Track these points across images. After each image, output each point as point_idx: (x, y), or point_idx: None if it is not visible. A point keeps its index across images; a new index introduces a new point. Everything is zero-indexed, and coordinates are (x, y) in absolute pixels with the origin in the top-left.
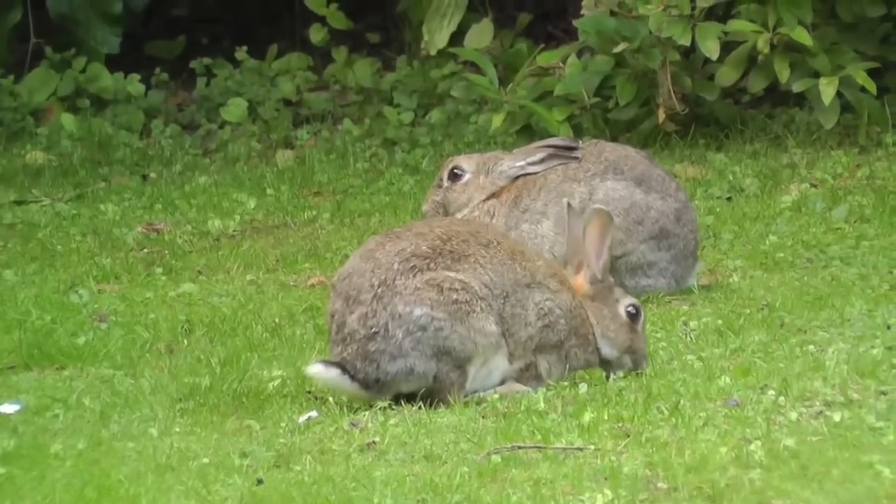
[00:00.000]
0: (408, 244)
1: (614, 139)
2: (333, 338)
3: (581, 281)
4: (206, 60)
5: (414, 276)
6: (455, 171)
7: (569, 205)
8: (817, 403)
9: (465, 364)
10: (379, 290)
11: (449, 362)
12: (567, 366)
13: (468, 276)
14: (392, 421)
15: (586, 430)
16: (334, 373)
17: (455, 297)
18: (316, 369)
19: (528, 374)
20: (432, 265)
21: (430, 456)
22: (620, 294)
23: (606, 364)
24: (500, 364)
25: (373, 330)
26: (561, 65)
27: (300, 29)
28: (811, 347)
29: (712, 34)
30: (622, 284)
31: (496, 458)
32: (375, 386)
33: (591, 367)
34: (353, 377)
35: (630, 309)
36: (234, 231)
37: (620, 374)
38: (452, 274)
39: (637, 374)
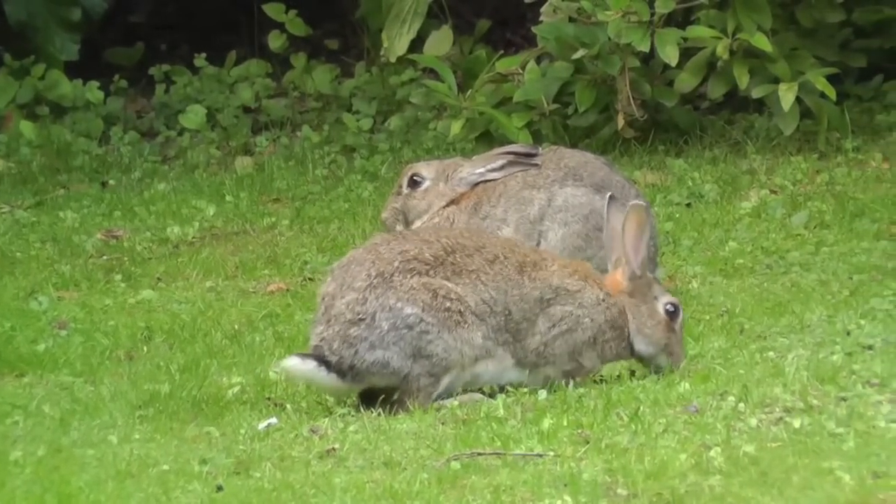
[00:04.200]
0: (412, 247)
1: (574, 145)
2: (318, 318)
3: (619, 277)
4: (165, 67)
5: (412, 276)
6: (414, 177)
7: (611, 197)
8: (777, 410)
9: (441, 373)
10: (375, 280)
11: (426, 366)
12: (602, 359)
13: (466, 291)
14: (352, 427)
15: (546, 437)
16: (311, 364)
17: (448, 305)
18: (292, 362)
19: (576, 373)
20: (432, 272)
21: (390, 462)
22: (660, 291)
23: (642, 360)
24: (490, 368)
25: (359, 316)
26: (520, 71)
27: (259, 35)
28: (771, 354)
29: (671, 40)
30: None
31: (456, 465)
32: (350, 374)
33: (621, 359)
34: (329, 367)
35: (669, 307)
36: (193, 238)
37: (659, 371)
38: (450, 284)
39: (598, 381)
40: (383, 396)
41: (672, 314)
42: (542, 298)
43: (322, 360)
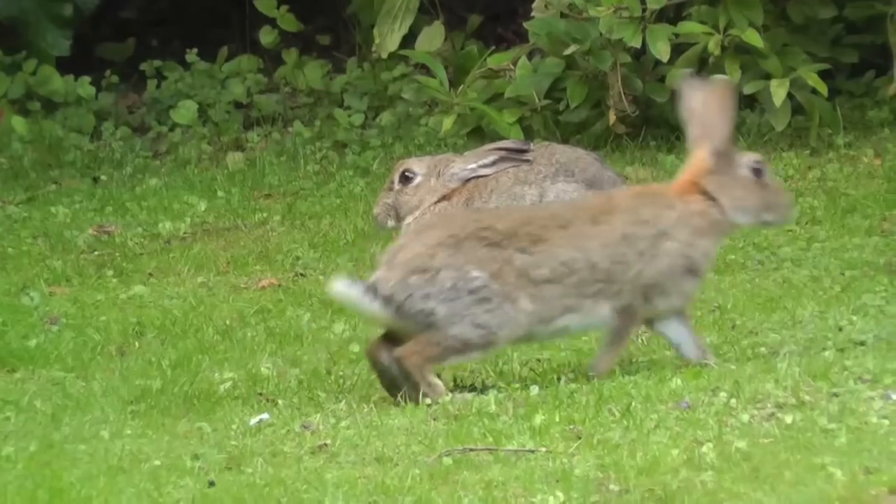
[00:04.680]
0: (486, 217)
1: (565, 141)
2: (379, 267)
3: (702, 155)
4: (157, 63)
5: (483, 245)
6: (406, 173)
7: (688, 76)
8: (769, 405)
9: (477, 347)
10: (447, 240)
11: (467, 334)
12: (709, 266)
13: (538, 260)
14: (343, 423)
15: (538, 433)
16: (358, 289)
17: (512, 279)
18: (339, 286)
19: (631, 315)
20: (504, 243)
21: (382, 458)
22: (739, 155)
23: (752, 227)
24: (577, 319)
25: (423, 267)
26: (511, 67)
27: (250, 31)
28: (763, 349)
29: (663, 36)
30: None
31: (448, 461)
32: (394, 309)
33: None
34: (374, 295)
35: (754, 166)
36: (184, 233)
37: (772, 227)
38: (519, 256)
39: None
40: (377, 396)
41: (758, 171)
42: (625, 234)
43: (369, 288)
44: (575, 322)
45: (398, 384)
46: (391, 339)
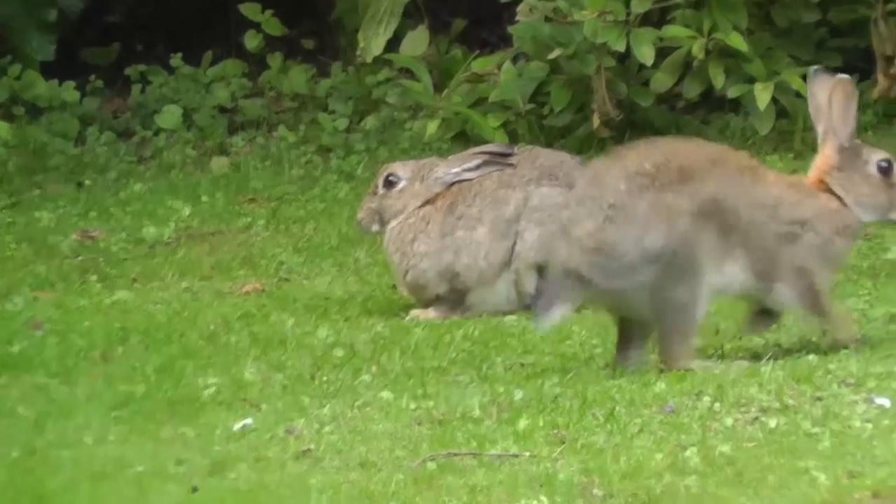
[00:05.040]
0: (631, 163)
1: (549, 145)
2: (556, 236)
3: (828, 152)
4: (141, 67)
5: (641, 195)
6: (390, 177)
7: (815, 70)
8: (753, 409)
9: (692, 302)
10: (609, 212)
11: (684, 291)
12: (840, 263)
13: (689, 194)
14: (327, 428)
15: (522, 437)
16: (556, 313)
17: (680, 222)
18: (547, 322)
19: (819, 301)
20: (657, 182)
21: (366, 463)
22: (868, 152)
23: (878, 223)
24: (735, 271)
25: (598, 246)
26: (496, 71)
27: (235, 35)
28: (747, 353)
29: (647, 40)
30: None
31: (431, 465)
32: (591, 289)
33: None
34: (564, 301)
35: (882, 164)
36: (169, 238)
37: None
38: (672, 197)
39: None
40: (361, 401)
41: (886, 170)
42: (766, 205)
43: (554, 296)
44: (733, 273)
45: None
46: (625, 338)
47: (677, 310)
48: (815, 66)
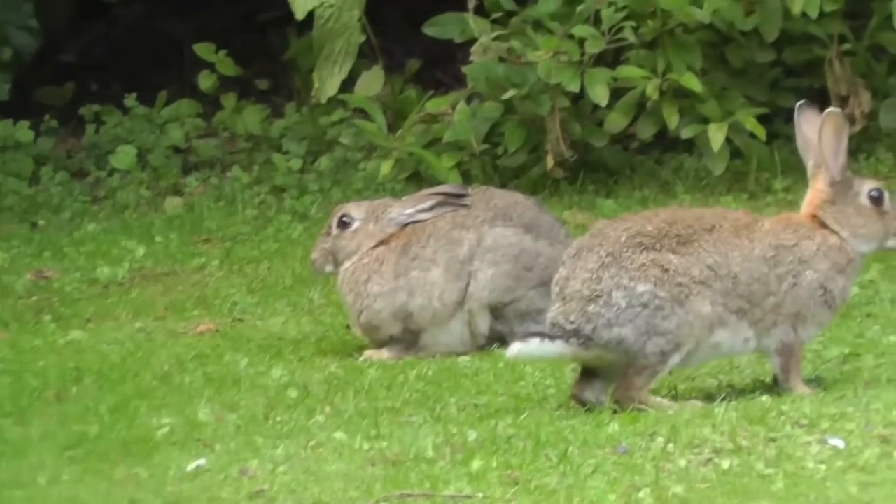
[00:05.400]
0: (634, 224)
1: (503, 186)
2: (553, 300)
3: (820, 186)
4: (96, 107)
5: (640, 252)
6: (344, 218)
7: (800, 105)
8: (706, 450)
9: (671, 351)
10: (606, 260)
11: (659, 344)
12: (841, 300)
13: (690, 261)
14: (281, 468)
15: (475, 478)
16: (534, 342)
17: (679, 280)
18: (516, 348)
19: (793, 359)
20: (658, 245)
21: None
22: (859, 183)
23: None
24: (726, 337)
25: (596, 293)
26: (450, 111)
27: (189, 75)
28: (700, 394)
29: (601, 80)
30: (511, 332)
31: None
32: (584, 343)
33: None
34: (552, 338)
35: (873, 193)
36: (123, 278)
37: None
38: (675, 258)
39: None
40: (315, 442)
41: (877, 199)
42: (766, 257)
43: (542, 335)
44: (725, 339)
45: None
46: (588, 373)
47: (652, 356)
48: (801, 101)
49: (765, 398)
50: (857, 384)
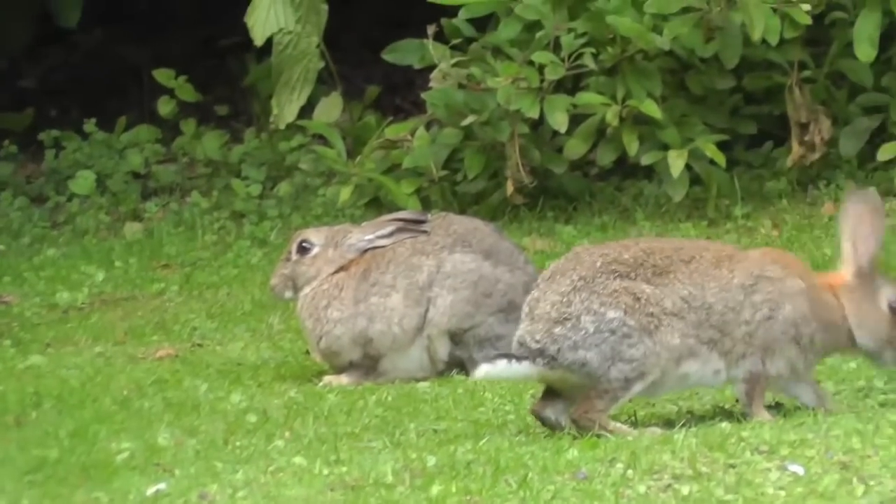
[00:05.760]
0: (612, 251)
1: (462, 212)
2: (522, 319)
3: (845, 271)
4: (55, 132)
5: (613, 279)
6: (303, 244)
7: (853, 192)
8: (666, 476)
9: (635, 379)
10: (578, 284)
11: (623, 370)
12: (813, 354)
13: (664, 292)
14: (240, 493)
15: (434, 503)
16: (501, 364)
17: (650, 309)
18: (483, 370)
19: (758, 387)
20: (632, 274)
21: None
22: (885, 285)
23: (868, 355)
24: (696, 368)
25: (564, 316)
26: (409, 137)
27: (149, 101)
28: (660, 420)
29: (561, 107)
30: (471, 358)
31: None
32: (549, 363)
33: (846, 353)
34: (519, 359)
35: (893, 303)
36: (82, 303)
37: (884, 367)
38: (649, 288)
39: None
40: (274, 467)
41: None
42: (744, 285)
43: (509, 356)
44: (694, 370)
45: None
46: (551, 393)
47: (615, 381)
48: (855, 187)
49: (724, 424)
50: (816, 411)
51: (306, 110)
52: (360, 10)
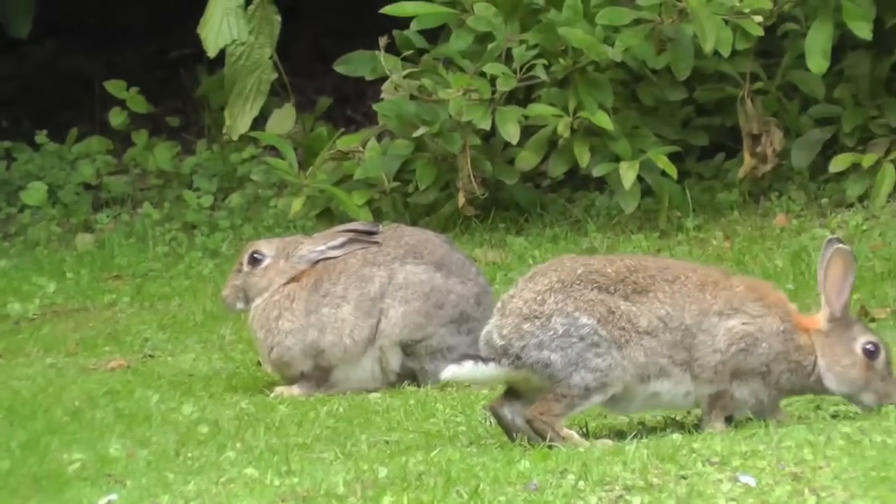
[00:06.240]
0: (596, 262)
1: (414, 223)
2: (493, 314)
3: (820, 317)
4: (6, 144)
5: (592, 289)
6: (255, 255)
7: (830, 240)
8: (617, 488)
9: (596, 389)
10: (556, 285)
11: (585, 378)
12: (777, 391)
13: (641, 310)
14: None
15: None
16: (468, 364)
17: (623, 325)
18: (450, 370)
19: (721, 402)
20: (612, 289)
21: None
22: (860, 332)
23: (846, 399)
24: (667, 388)
25: (535, 314)
26: (361, 149)
27: (100, 112)
28: (611, 431)
29: (512, 118)
30: (422, 369)
31: None
32: (510, 360)
33: (813, 393)
34: (486, 361)
35: (868, 346)
36: (33, 315)
37: (867, 409)
38: (625, 305)
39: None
40: (226, 478)
41: (871, 353)
42: (722, 313)
43: (475, 358)
44: (665, 389)
45: (524, 434)
46: (512, 393)
47: (576, 388)
48: (832, 236)
49: (676, 436)
50: (768, 422)
51: (258, 122)
52: (311, 22)
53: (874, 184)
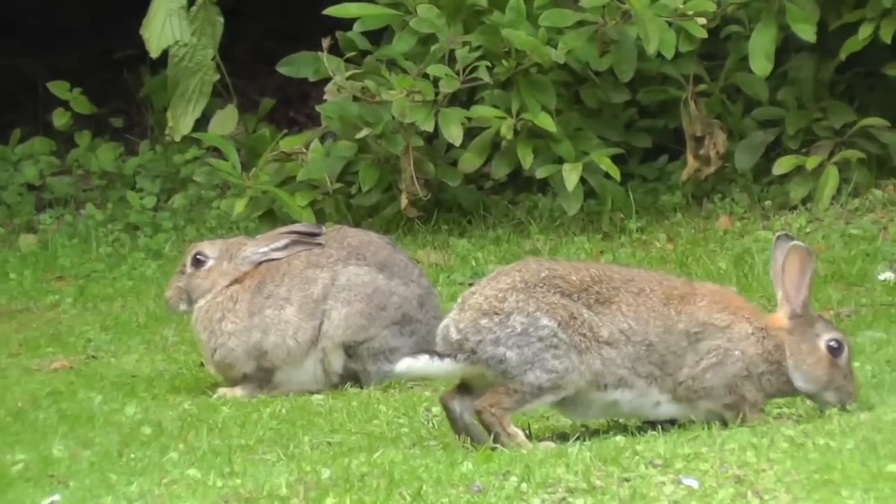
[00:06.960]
0: (561, 268)
1: (357, 225)
2: (452, 309)
3: (781, 315)
4: None
5: (554, 293)
6: (198, 256)
7: (779, 237)
8: (560, 490)
9: (549, 389)
10: (519, 285)
11: (539, 379)
12: (763, 393)
13: (603, 321)
14: None
15: None
16: (423, 359)
17: (583, 332)
18: (405, 364)
19: (739, 406)
20: (574, 296)
21: None
22: (823, 328)
23: (810, 398)
24: (629, 398)
25: (494, 310)
26: (303, 150)
27: (43, 113)
28: (554, 433)
29: (455, 120)
30: (365, 371)
31: None
32: (465, 355)
33: (787, 396)
34: (441, 356)
35: (832, 343)
36: None
37: (826, 408)
38: (587, 314)
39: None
40: (168, 479)
41: (835, 350)
42: (689, 332)
43: (431, 352)
44: (627, 399)
45: (470, 432)
46: (465, 388)
47: (528, 386)
48: (780, 232)
49: (619, 438)
50: (711, 424)
51: (201, 123)
52: (254, 23)
53: (817, 186)
